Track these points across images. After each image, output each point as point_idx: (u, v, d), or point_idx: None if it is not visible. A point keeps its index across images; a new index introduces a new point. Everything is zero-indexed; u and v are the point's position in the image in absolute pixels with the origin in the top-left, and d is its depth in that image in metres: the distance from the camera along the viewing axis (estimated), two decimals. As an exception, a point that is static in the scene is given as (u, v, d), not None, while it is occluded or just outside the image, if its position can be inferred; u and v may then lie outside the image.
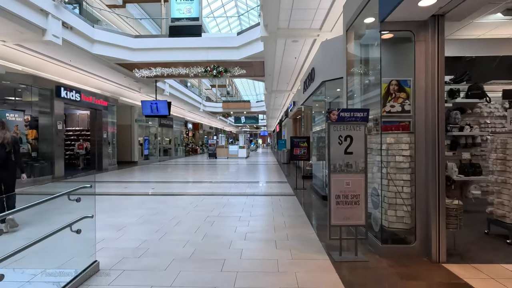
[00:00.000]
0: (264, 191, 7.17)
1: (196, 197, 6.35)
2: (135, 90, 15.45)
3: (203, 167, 14.50)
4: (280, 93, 16.39)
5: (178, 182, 8.90)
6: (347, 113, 3.05)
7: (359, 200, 2.98)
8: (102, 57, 10.03)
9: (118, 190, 7.33)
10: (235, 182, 8.64)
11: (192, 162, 17.84)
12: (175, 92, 17.96)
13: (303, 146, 7.38)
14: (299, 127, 15.31)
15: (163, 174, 11.26)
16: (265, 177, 10.07)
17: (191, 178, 9.82)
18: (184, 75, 12.96)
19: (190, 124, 28.50)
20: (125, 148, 16.52)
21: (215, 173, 11.27)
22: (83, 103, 11.13)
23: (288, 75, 12.04)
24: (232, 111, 28.32)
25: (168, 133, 21.86)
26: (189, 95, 20.75)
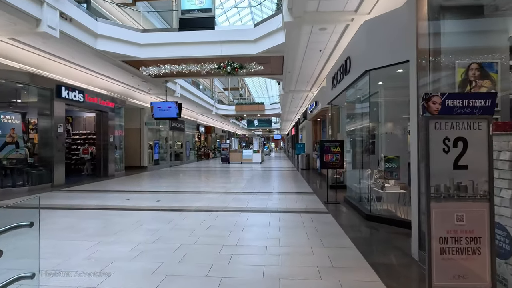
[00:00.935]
0: (290, 205, 5.97)
1: (208, 213, 5.23)
2: (145, 91, 14.62)
3: (216, 173, 13.42)
4: (298, 93, 15.19)
5: (187, 192, 7.82)
6: (457, 100, 1.84)
7: (480, 246, 1.77)
8: (107, 53, 9.16)
9: (118, 202, 6.30)
10: (253, 193, 7.48)
11: (204, 168, 16.83)
12: (187, 93, 17.07)
13: (336, 151, 6.16)
14: (320, 130, 14.05)
15: (172, 181, 10.24)
16: (286, 186, 8.87)
17: (202, 187, 8.73)
18: (195, 74, 12.00)
19: (202, 128, 27.65)
20: (134, 152, 15.70)
21: (229, 181, 10.16)
22: (87, 104, 10.30)
23: (310, 72, 10.85)
24: (246, 114, 27.32)
25: (179, 137, 21.01)
26: (201, 97, 19.86)
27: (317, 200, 6.54)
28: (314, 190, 7.90)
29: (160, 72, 9.83)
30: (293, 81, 12.52)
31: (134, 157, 15.68)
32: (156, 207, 5.78)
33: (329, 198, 6.39)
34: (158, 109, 13.10)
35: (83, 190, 7.98)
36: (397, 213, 4.65)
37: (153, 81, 12.94)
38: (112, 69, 10.43)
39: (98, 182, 9.79)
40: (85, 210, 5.51)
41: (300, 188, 8.39)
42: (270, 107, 26.67)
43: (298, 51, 8.57)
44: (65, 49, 8.43)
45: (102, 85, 11.86)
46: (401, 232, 4.00)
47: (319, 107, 11.04)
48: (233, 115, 27.65)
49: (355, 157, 6.43)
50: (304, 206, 5.88)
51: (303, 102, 18.10)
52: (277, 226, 4.39)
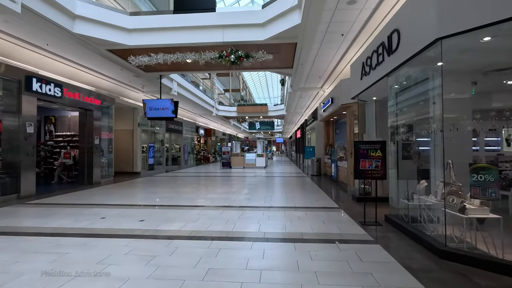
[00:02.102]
0: (317, 229, 4.45)
1: (206, 244, 3.73)
2: (137, 88, 13.15)
3: (217, 180, 11.90)
4: (307, 91, 13.74)
5: (181, 207, 6.30)
6: None
7: None
8: (88, 39, 7.71)
9: (88, 223, 4.79)
10: (263, 208, 5.98)
11: (203, 173, 15.30)
12: (185, 92, 15.61)
13: (376, 156, 4.66)
14: (333, 132, 12.56)
15: (165, 191, 8.73)
16: (302, 197, 7.35)
17: (200, 199, 7.21)
18: (192, 67, 10.54)
19: (201, 130, 26.18)
20: (125, 157, 14.20)
21: (232, 190, 8.65)
22: (67, 100, 8.81)
23: (325, 63, 9.39)
24: (248, 115, 25.84)
25: (177, 140, 19.53)
26: (200, 96, 18.41)
27: (349, 219, 5.02)
28: (339, 204, 6.38)
29: (152, 63, 8.36)
30: (303, 76, 11.07)
31: (126, 162, 14.18)
32: (137, 233, 4.26)
33: (365, 216, 4.87)
34: (151, 107, 11.64)
35: (53, 204, 6.47)
36: (489, 249, 3.14)
37: (146, 77, 11.50)
38: (96, 60, 8.97)
39: (77, 191, 8.28)
40: (36, 237, 4.00)
41: (320, 200, 6.87)
42: (273, 109, 25.21)
43: (315, 36, 7.13)
44: (36, 32, 6.99)
45: (87, 80, 10.40)
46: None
47: (335, 105, 9.56)
48: (235, 117, 26.18)
49: (401, 163, 4.92)
50: (336, 230, 4.36)
51: (311, 101, 16.65)
52: (310, 271, 2.88)
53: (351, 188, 8.24)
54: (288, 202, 6.67)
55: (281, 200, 6.94)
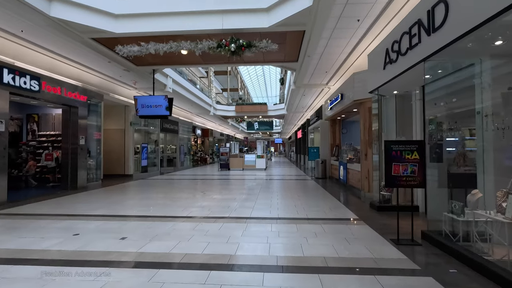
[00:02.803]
0: (342, 251, 3.54)
1: (202, 277, 2.82)
2: (129, 84, 12.20)
3: (214, 184, 10.97)
4: (312, 88, 12.87)
5: (173, 219, 5.36)
6: None
7: None
8: (68, 25, 6.75)
9: (54, 243, 3.84)
10: (270, 220, 5.07)
11: (200, 176, 14.36)
12: (180, 89, 14.68)
13: (412, 159, 3.78)
14: (339, 131, 11.69)
15: (156, 197, 7.79)
16: (314, 206, 6.44)
17: (196, 209, 6.28)
18: (187, 60, 9.61)
19: (198, 130, 25.23)
20: (117, 158, 13.22)
21: (233, 197, 7.73)
22: (47, 95, 7.84)
23: (335, 55, 8.52)
24: (247, 115, 24.95)
25: (173, 140, 18.57)
26: (197, 94, 17.48)
27: (377, 236, 4.12)
28: (358, 214, 5.49)
29: (142, 54, 7.43)
30: (309, 71, 10.19)
31: (117, 164, 13.20)
32: (113, 258, 3.33)
33: (398, 232, 3.97)
34: (143, 105, 10.71)
35: (22, 214, 5.51)
36: None
37: (138, 72, 10.55)
38: (80, 50, 8.03)
39: (57, 198, 7.31)
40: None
41: (334, 209, 5.97)
42: (273, 108, 24.35)
43: (327, 22, 6.24)
44: (8, 17, 6.06)
45: (71, 74, 9.43)
46: None
47: (345, 101, 8.68)
48: (233, 117, 25.29)
49: (441, 167, 4.04)
50: (367, 252, 3.46)
51: (313, 100, 15.79)
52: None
53: (365, 194, 7.36)
54: (298, 211, 5.75)
55: (289, 208, 6.03)
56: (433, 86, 4.11)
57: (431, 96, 4.21)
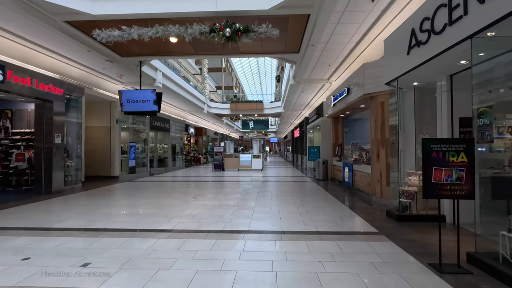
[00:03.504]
0: (377, 286, 2.69)
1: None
2: (113, 78, 11.19)
3: (208, 186, 10.07)
4: (312, 83, 12.03)
5: (155, 235, 4.44)
6: None
7: None
8: (37, 4, 5.79)
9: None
10: (274, 236, 4.20)
11: (193, 177, 13.42)
12: (171, 84, 13.72)
13: (458, 163, 2.95)
14: (342, 130, 10.88)
15: (141, 203, 6.85)
16: (322, 216, 5.58)
17: (184, 220, 5.37)
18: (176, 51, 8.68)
19: (192, 129, 24.24)
20: (101, 158, 12.21)
21: (227, 203, 6.84)
22: (13, 86, 6.82)
23: (341, 44, 7.69)
24: (242, 113, 24.05)
25: (164, 139, 17.57)
26: (190, 91, 16.52)
27: (410, 259, 3.27)
28: (376, 225, 4.65)
29: (124, 39, 6.46)
30: (311, 64, 9.35)
31: (102, 165, 12.19)
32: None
33: (441, 255, 3.13)
34: (129, 100, 9.75)
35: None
36: None
37: (123, 63, 9.57)
38: (54, 36, 7.04)
39: (23, 205, 6.32)
40: None
41: (346, 219, 5.12)
42: (269, 106, 23.48)
43: (336, 4, 5.40)
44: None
45: (48, 65, 8.43)
46: None
47: (353, 96, 7.85)
48: (228, 115, 24.37)
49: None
50: (406, 287, 2.61)
51: (313, 97, 14.97)
52: None
53: (377, 199, 6.54)
54: (305, 222, 4.89)
55: (294, 218, 5.16)
56: (479, 68, 3.27)
57: (479, 79, 3.38)
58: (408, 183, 5.36)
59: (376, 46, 7.42)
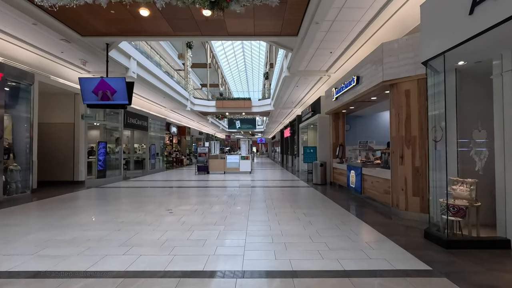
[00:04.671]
0: None
1: None
2: (76, 65, 9.42)
3: (188, 194, 8.51)
4: (307, 77, 10.71)
5: (92, 283, 2.91)
6: None
7: None
8: None
9: None
10: (282, 281, 2.74)
11: (172, 182, 11.77)
12: (148, 76, 12.04)
13: None
14: (343, 128, 9.60)
15: (92, 222, 5.22)
16: (342, 240, 4.17)
17: (146, 251, 3.84)
18: (149, 30, 7.08)
19: (174, 128, 22.45)
20: (63, 160, 10.38)
21: (211, 220, 5.34)
22: None
23: (353, 22, 6.37)
24: (228, 111, 22.51)
25: (141, 139, 15.77)
26: (171, 85, 14.86)
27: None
28: (421, 256, 3.28)
29: (72, 3, 4.84)
30: (311, 48, 8.03)
31: (63, 168, 10.35)
32: None
33: None
34: (92, 89, 8.10)
35: None
36: None
37: (85, 45, 7.84)
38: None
39: None
40: None
41: (377, 247, 3.74)
42: (257, 104, 22.05)
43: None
44: None
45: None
46: None
47: (363, 86, 6.53)
48: (213, 113, 22.75)
49: None
50: None
51: (306, 93, 13.68)
52: None
53: (400, 212, 5.22)
54: (321, 252, 3.46)
55: (305, 245, 3.73)
56: None
57: None
58: (453, 194, 4.05)
59: (394, 24, 6.14)
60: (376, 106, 8.69)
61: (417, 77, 5.02)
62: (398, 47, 5.24)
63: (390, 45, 5.39)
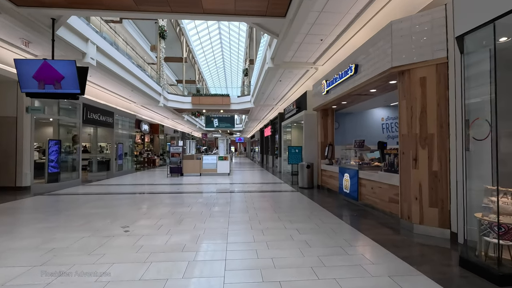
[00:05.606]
0: None
1: None
2: (16, 46, 7.79)
3: (154, 203, 7.19)
4: (292, 69, 9.72)
5: None
6: None
7: None
8: None
9: None
10: None
11: (138, 187, 10.31)
12: (111, 64, 10.49)
13: None
14: (332, 126, 8.72)
15: (8, 248, 3.84)
16: (362, 274, 3.14)
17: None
18: (104, 4, 5.70)
19: (145, 125, 20.69)
20: (3, 162, 8.62)
21: (180, 241, 4.17)
22: None
23: (352, 0, 5.41)
24: (206, 108, 21.12)
25: (107, 137, 14.05)
26: (140, 77, 13.30)
27: None
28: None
29: None
30: (299, 35, 7.04)
31: (3, 171, 8.60)
32: None
33: None
34: (33, 74, 6.56)
35: None
36: None
37: (24, 20, 6.27)
38: None
39: None
40: None
41: (402, 283, 2.73)
42: (236, 101, 20.84)
43: None
44: None
45: None
46: None
47: (364, 75, 5.59)
48: (189, 110, 21.25)
49: None
50: None
51: (290, 88, 12.72)
52: None
53: (412, 226, 4.30)
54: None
55: (309, 282, 2.65)
56: None
57: None
58: (493, 209, 3.14)
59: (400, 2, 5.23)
60: (370, 101, 7.84)
61: (436, 61, 4.11)
62: (411, 25, 4.31)
63: (401, 24, 4.45)
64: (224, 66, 39.22)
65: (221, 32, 30.34)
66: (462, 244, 3.67)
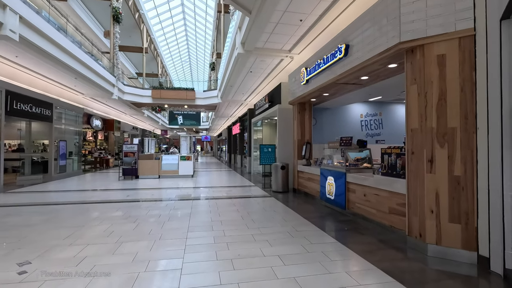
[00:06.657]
0: None
1: None
2: None
3: (88, 219, 5.59)
4: (265, 58, 8.57)
5: None
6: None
7: None
8: None
9: None
10: None
11: (78, 194, 8.46)
12: (44, 43, 8.45)
13: None
14: (310, 122, 7.73)
15: None
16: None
17: None
18: None
19: (97, 121, 18.29)
20: None
21: (118, 283, 2.71)
22: None
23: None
24: (168, 102, 19.25)
25: (45, 133, 11.76)
26: (85, 62, 11.27)
27: None
28: None
29: None
30: (276, 12, 5.91)
31: None
32: None
33: None
34: None
35: None
36: None
37: None
38: None
39: None
40: None
41: None
42: (202, 96, 19.24)
43: None
44: None
45: None
46: None
47: (357, 58, 4.57)
48: (149, 104, 19.19)
49: None
50: None
51: (261, 81, 11.59)
52: None
53: (425, 246, 3.33)
54: None
55: None
56: None
57: None
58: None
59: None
60: (349, 95, 6.93)
61: (459, 34, 3.17)
62: (426, -12, 3.33)
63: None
64: (190, 60, 37.13)
65: (186, 23, 28.37)
66: (498, 274, 2.75)
